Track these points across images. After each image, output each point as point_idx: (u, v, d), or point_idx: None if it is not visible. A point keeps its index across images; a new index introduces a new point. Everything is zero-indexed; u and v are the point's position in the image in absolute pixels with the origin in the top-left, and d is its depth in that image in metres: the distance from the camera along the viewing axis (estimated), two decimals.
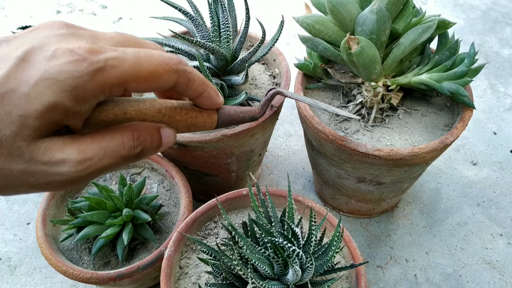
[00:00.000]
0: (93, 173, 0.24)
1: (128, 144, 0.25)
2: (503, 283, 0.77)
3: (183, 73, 0.27)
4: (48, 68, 0.22)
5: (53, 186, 0.23)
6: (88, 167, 0.23)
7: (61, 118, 0.22)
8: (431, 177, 0.95)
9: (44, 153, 0.22)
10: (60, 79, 0.22)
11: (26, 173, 0.22)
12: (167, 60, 0.26)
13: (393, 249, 0.83)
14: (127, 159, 0.25)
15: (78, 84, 0.22)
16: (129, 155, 0.25)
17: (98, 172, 0.24)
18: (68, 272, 0.60)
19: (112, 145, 0.24)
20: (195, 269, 0.57)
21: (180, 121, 0.29)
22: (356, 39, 0.58)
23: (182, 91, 0.28)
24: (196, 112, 0.30)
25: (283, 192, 0.61)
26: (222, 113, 0.31)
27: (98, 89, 0.23)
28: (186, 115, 0.29)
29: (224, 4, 0.67)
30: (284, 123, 1.08)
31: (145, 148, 0.26)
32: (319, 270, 0.47)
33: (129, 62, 0.24)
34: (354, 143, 0.62)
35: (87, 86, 0.22)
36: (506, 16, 1.40)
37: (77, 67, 0.22)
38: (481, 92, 1.14)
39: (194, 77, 0.28)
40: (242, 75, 0.68)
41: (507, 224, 0.86)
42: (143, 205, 0.67)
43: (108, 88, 0.23)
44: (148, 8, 1.49)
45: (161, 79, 0.25)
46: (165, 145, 0.28)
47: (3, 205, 0.92)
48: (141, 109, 0.27)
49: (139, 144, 0.26)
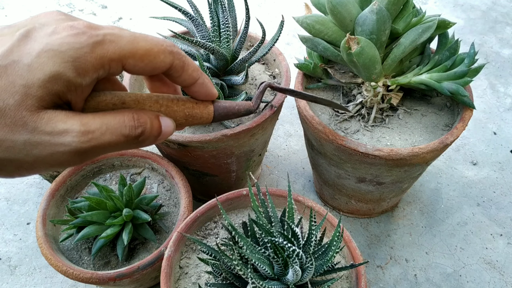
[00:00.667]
0: (96, 148, 0.24)
1: (129, 123, 0.25)
2: (503, 283, 0.77)
3: (177, 55, 0.28)
4: (50, 41, 0.23)
5: (56, 159, 0.23)
6: (91, 140, 0.23)
7: (63, 89, 0.23)
8: (431, 177, 0.95)
9: (47, 123, 0.22)
10: (61, 50, 0.23)
11: (29, 144, 0.22)
12: (162, 42, 0.27)
13: (393, 249, 0.83)
14: (129, 139, 0.26)
15: (79, 55, 0.23)
16: (131, 135, 0.25)
17: (101, 147, 0.24)
18: (68, 272, 0.60)
19: (114, 123, 0.25)
20: (195, 269, 0.57)
21: (177, 111, 0.29)
22: (356, 39, 0.58)
23: (178, 76, 0.29)
24: (193, 103, 0.30)
25: (283, 192, 0.61)
26: (217, 105, 0.32)
27: (98, 62, 0.24)
28: (183, 105, 0.30)
29: (224, 4, 0.67)
30: (284, 123, 1.08)
31: (146, 130, 0.26)
32: (319, 270, 0.47)
33: (126, 39, 0.25)
34: (354, 143, 0.62)
35: (87, 57, 0.23)
36: (506, 16, 1.40)
37: (78, 39, 0.23)
38: (481, 92, 1.14)
39: (188, 61, 0.29)
40: (242, 75, 0.68)
41: (507, 224, 0.86)
42: (143, 205, 0.67)
43: (107, 62, 0.24)
44: (148, 8, 1.49)
45: (158, 59, 0.26)
46: (165, 134, 0.28)
47: (3, 205, 0.92)
48: (139, 98, 0.28)
49: (139, 125, 0.26)
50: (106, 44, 0.24)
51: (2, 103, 0.21)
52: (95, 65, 0.24)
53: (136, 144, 0.27)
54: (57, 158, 0.23)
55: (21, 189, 0.95)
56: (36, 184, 0.96)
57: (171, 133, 0.29)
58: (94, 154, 0.25)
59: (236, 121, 0.71)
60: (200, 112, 0.31)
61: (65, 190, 0.72)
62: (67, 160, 0.23)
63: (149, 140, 0.27)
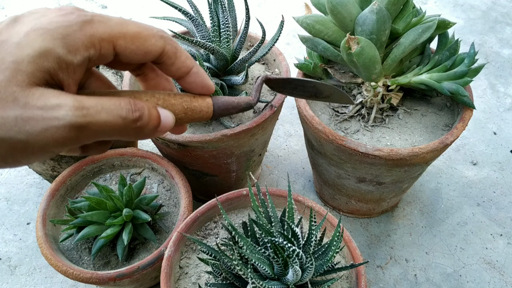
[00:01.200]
0: (92, 125, 0.23)
1: (125, 106, 0.25)
2: (503, 283, 0.77)
3: (169, 40, 0.27)
4: (38, 22, 0.23)
5: (51, 136, 0.22)
6: (86, 115, 0.23)
7: (53, 66, 0.23)
8: (431, 177, 0.95)
9: (39, 98, 0.22)
10: (50, 28, 0.23)
11: (21, 119, 0.21)
12: (152, 27, 0.27)
13: (393, 249, 0.83)
14: (127, 122, 0.25)
15: (69, 33, 0.23)
16: (128, 117, 0.25)
17: (98, 126, 0.23)
18: (68, 272, 0.60)
19: (110, 103, 0.24)
20: (195, 269, 0.57)
21: (175, 104, 0.29)
22: (356, 39, 0.58)
23: (171, 63, 0.28)
24: (190, 97, 0.30)
25: (283, 192, 0.61)
26: (216, 99, 0.32)
27: (87, 40, 0.24)
28: (181, 99, 0.29)
29: (224, 4, 0.67)
30: (284, 123, 1.08)
31: (143, 115, 0.25)
32: (319, 270, 0.47)
33: (115, 21, 0.25)
34: (354, 143, 0.62)
35: (77, 35, 0.23)
36: (506, 16, 1.40)
37: (67, 18, 0.23)
38: (481, 92, 1.14)
39: (181, 48, 0.28)
40: (242, 75, 0.68)
41: (507, 224, 0.86)
42: (143, 205, 0.67)
43: (98, 41, 0.24)
44: (148, 8, 1.49)
45: (148, 42, 0.26)
46: (165, 126, 0.28)
47: (3, 205, 0.92)
48: (135, 93, 0.28)
49: (136, 109, 0.25)
50: (96, 24, 0.24)
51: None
52: (86, 43, 0.24)
53: (135, 131, 0.26)
54: (51, 135, 0.22)
55: (21, 189, 0.95)
56: (36, 184, 0.96)
57: (170, 125, 0.28)
58: (91, 133, 0.23)
59: (236, 121, 0.71)
60: (199, 105, 0.30)
61: (65, 190, 0.72)
62: (63, 137, 0.22)
63: (148, 129, 0.26)
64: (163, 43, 0.27)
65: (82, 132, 0.23)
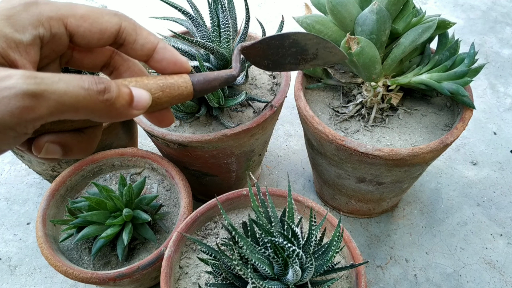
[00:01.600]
0: (49, 93, 0.21)
1: (87, 78, 0.23)
2: (503, 283, 0.77)
3: (124, 17, 0.27)
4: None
5: (4, 109, 0.21)
6: (40, 83, 0.21)
7: (2, 45, 0.23)
8: (431, 177, 0.95)
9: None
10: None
11: None
12: (103, 8, 0.27)
13: (393, 249, 0.83)
14: (91, 93, 0.23)
15: (12, 14, 0.23)
16: (91, 88, 0.23)
17: (57, 95, 0.22)
18: (68, 272, 0.60)
19: (69, 76, 0.23)
20: (195, 269, 0.57)
21: (149, 83, 0.28)
22: (356, 39, 0.58)
23: (133, 41, 0.27)
24: (165, 76, 0.29)
25: (283, 192, 0.61)
26: (194, 75, 0.30)
27: (34, 19, 0.24)
28: (154, 78, 0.28)
29: (224, 4, 0.67)
30: (284, 123, 1.08)
31: (110, 88, 0.24)
32: (319, 270, 0.47)
33: (62, 3, 0.25)
34: (354, 143, 0.62)
35: (21, 15, 0.23)
36: (506, 16, 1.40)
37: (9, 2, 0.24)
38: (481, 92, 1.14)
39: (140, 25, 0.28)
40: (242, 75, 0.68)
41: (507, 224, 0.86)
42: (143, 205, 0.67)
43: (46, 20, 0.24)
44: (148, 8, 1.49)
45: (102, 19, 0.26)
46: (140, 103, 0.26)
47: (3, 205, 0.92)
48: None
49: (101, 82, 0.23)
50: (41, 5, 0.24)
51: None
52: (32, 21, 0.24)
53: (105, 105, 0.24)
54: (4, 107, 0.21)
55: (21, 189, 0.95)
56: (36, 184, 0.96)
57: (146, 101, 0.26)
58: (51, 104, 0.22)
59: (236, 121, 0.71)
60: (176, 82, 0.29)
61: (65, 190, 0.72)
62: (17, 107, 0.21)
63: (120, 104, 0.24)
64: (118, 20, 0.27)
65: (39, 101, 0.21)
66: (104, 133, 0.74)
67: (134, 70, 0.30)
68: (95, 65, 0.30)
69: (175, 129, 0.71)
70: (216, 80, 0.31)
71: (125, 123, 0.81)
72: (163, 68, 0.29)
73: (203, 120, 0.71)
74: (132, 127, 0.87)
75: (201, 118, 0.72)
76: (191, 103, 0.67)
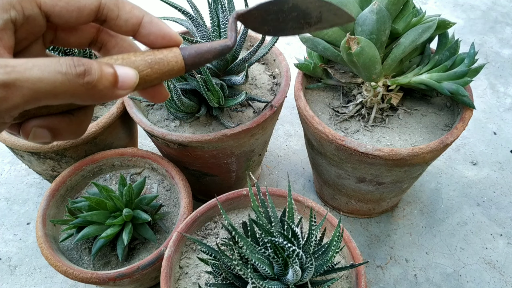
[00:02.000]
0: (23, 81, 0.21)
1: (65, 62, 0.22)
2: (503, 283, 0.77)
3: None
4: None
5: None
6: (10, 73, 0.20)
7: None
8: (431, 177, 0.95)
9: None
10: None
11: None
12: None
13: (393, 249, 0.83)
14: (70, 77, 0.22)
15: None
16: (69, 72, 0.22)
17: (31, 83, 0.21)
18: (68, 272, 0.60)
19: (44, 61, 0.21)
20: (195, 269, 0.57)
21: (136, 60, 0.26)
22: (356, 39, 0.58)
23: (116, 16, 0.26)
24: (154, 51, 0.27)
25: (283, 192, 0.61)
26: (184, 48, 0.28)
27: (4, 2, 0.23)
28: (142, 54, 0.27)
29: (224, 4, 0.67)
30: (284, 123, 1.08)
31: (91, 70, 0.23)
32: (319, 270, 0.47)
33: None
34: (354, 143, 0.62)
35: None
36: (506, 16, 1.40)
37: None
38: (481, 92, 1.14)
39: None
40: (242, 75, 0.68)
41: (507, 224, 0.86)
42: (143, 205, 0.67)
43: (16, 2, 0.23)
44: (148, 8, 1.48)
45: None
46: (125, 82, 0.25)
47: (3, 205, 0.92)
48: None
49: (80, 64, 0.22)
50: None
51: None
52: (2, 5, 0.22)
53: (86, 88, 0.22)
54: None
55: (21, 189, 0.95)
56: (36, 184, 0.96)
57: (132, 80, 0.25)
58: (26, 93, 0.21)
59: (236, 121, 0.71)
60: (165, 57, 0.27)
61: (65, 190, 0.72)
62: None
63: (103, 86, 0.23)
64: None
65: (11, 90, 0.20)
66: (104, 133, 0.74)
67: (123, 46, 0.29)
68: (81, 43, 0.28)
69: (175, 129, 0.71)
70: (209, 52, 0.29)
71: (125, 123, 0.81)
72: (151, 43, 0.27)
73: (203, 120, 0.71)
74: (132, 127, 0.87)
75: (201, 118, 0.72)
76: (191, 103, 0.67)
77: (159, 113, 0.74)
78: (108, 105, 0.81)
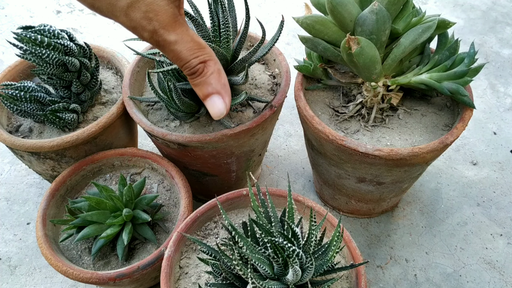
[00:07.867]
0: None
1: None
2: (503, 283, 0.77)
3: None
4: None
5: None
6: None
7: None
8: (431, 177, 0.95)
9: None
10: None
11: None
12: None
13: (393, 249, 0.83)
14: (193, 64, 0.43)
15: None
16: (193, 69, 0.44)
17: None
18: (68, 272, 0.60)
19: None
20: (195, 269, 0.57)
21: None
22: (356, 39, 0.58)
23: None
24: None
25: (283, 192, 0.61)
26: None
27: None
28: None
29: (224, 4, 0.67)
30: (284, 123, 1.08)
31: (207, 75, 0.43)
32: (319, 270, 0.47)
33: None
34: (354, 143, 0.62)
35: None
36: (506, 16, 1.40)
37: None
38: (481, 92, 1.14)
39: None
40: (242, 75, 0.68)
41: (507, 224, 0.86)
42: (143, 205, 0.67)
43: None
44: None
45: None
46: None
47: (3, 205, 0.92)
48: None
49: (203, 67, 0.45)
50: None
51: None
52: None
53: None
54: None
55: (21, 189, 0.95)
56: (36, 184, 0.96)
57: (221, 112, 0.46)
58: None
59: (236, 121, 0.71)
60: None
61: (65, 190, 0.72)
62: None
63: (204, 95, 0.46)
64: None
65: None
66: (104, 133, 0.74)
67: None
68: None
69: (175, 129, 0.71)
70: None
71: (125, 123, 0.81)
72: None
73: (203, 120, 0.72)
74: (132, 127, 0.87)
75: (201, 118, 0.72)
76: (191, 103, 0.67)
77: (159, 113, 0.74)
78: (108, 105, 0.81)
